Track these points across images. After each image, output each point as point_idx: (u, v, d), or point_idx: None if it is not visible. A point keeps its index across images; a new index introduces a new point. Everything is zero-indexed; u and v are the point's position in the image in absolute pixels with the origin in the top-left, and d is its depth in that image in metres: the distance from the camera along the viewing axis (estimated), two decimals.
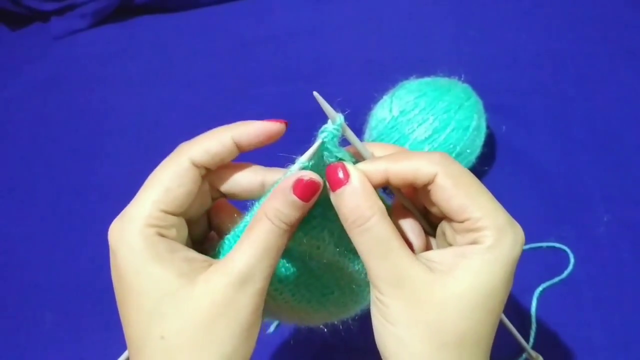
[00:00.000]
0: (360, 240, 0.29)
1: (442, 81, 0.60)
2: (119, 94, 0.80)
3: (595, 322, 0.53)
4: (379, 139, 0.58)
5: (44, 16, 0.89)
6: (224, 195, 0.35)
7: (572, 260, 0.57)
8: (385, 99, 0.60)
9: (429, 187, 0.30)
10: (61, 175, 0.73)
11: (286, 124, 0.34)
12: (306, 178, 0.29)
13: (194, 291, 0.29)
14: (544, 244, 0.58)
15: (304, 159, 0.31)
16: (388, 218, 0.30)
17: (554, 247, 0.58)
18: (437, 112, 0.56)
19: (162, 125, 0.76)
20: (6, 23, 0.91)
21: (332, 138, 0.32)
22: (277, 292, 0.34)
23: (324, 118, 0.72)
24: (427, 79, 0.61)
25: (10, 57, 0.88)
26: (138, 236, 0.29)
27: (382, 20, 0.78)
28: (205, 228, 0.36)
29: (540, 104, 0.70)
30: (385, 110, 0.58)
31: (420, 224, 0.34)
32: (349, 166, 0.30)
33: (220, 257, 0.32)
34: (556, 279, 0.56)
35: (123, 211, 0.31)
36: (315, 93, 0.31)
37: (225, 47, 0.81)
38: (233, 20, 0.84)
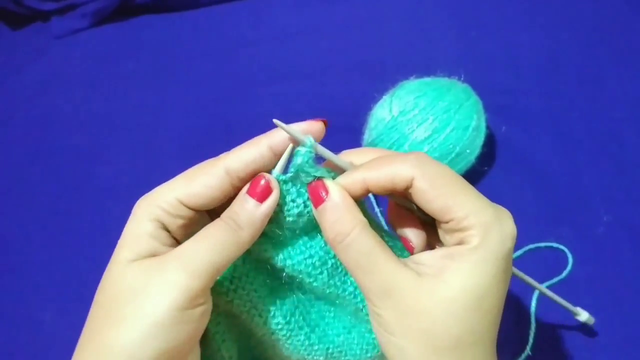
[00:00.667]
0: (345, 257, 0.30)
1: (442, 81, 0.60)
2: (119, 93, 0.80)
3: (594, 322, 0.53)
4: (379, 138, 0.58)
5: (45, 16, 0.89)
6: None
7: (571, 260, 0.57)
8: (385, 99, 0.60)
9: (410, 191, 0.30)
10: (61, 174, 0.73)
11: (325, 122, 0.33)
12: (262, 180, 0.30)
13: (129, 267, 0.29)
14: (543, 244, 0.58)
15: (277, 171, 0.31)
16: (369, 230, 0.30)
17: (553, 247, 0.58)
18: (437, 112, 0.56)
19: (163, 125, 0.76)
20: (7, 22, 0.91)
21: (307, 160, 0.31)
22: (277, 327, 0.34)
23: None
24: (426, 79, 0.61)
25: (11, 56, 0.88)
26: (144, 212, 0.31)
27: (382, 20, 0.78)
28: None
29: (540, 104, 0.70)
30: (385, 110, 0.58)
31: (419, 220, 0.34)
32: (328, 182, 0.31)
33: None
34: (555, 279, 0.55)
35: (151, 191, 0.32)
36: (275, 120, 0.31)
37: (226, 46, 0.81)
38: (233, 20, 0.84)
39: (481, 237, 0.28)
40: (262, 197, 0.30)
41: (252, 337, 0.36)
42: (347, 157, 0.34)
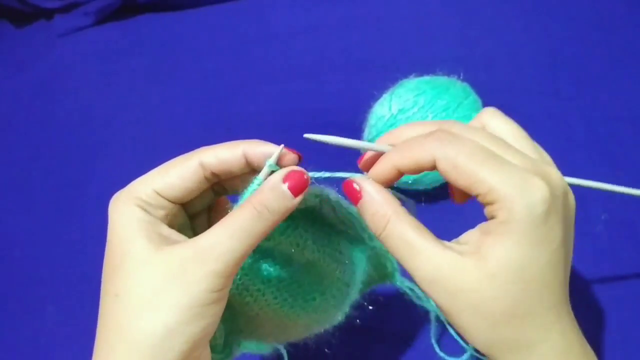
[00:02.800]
0: (389, 247, 0.30)
1: (441, 80, 0.60)
2: (122, 91, 0.81)
3: (593, 321, 0.54)
4: (378, 136, 0.58)
5: (48, 14, 0.90)
6: (224, 191, 0.36)
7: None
8: (385, 97, 0.60)
9: (438, 170, 0.30)
10: (64, 171, 0.74)
11: (300, 157, 0.34)
12: (297, 169, 0.31)
13: (155, 256, 0.30)
14: None
15: (272, 160, 0.32)
16: (405, 217, 0.30)
17: None
18: (436, 111, 0.57)
19: (165, 123, 0.76)
20: (10, 20, 0.91)
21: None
22: (259, 293, 0.35)
23: (323, 117, 0.73)
24: (426, 78, 0.61)
25: (14, 54, 0.89)
26: (128, 203, 0.31)
27: (382, 19, 0.79)
28: (206, 223, 0.37)
29: (539, 104, 0.70)
30: (384, 108, 0.59)
31: None
32: (359, 179, 0.32)
33: None
34: None
35: (128, 185, 0.33)
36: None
37: (227, 45, 0.82)
38: (235, 19, 0.84)
39: (507, 209, 0.28)
40: (297, 191, 0.31)
41: (242, 316, 0.37)
42: (388, 138, 0.34)
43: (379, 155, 0.33)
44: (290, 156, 0.33)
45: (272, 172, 0.32)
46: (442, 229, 0.32)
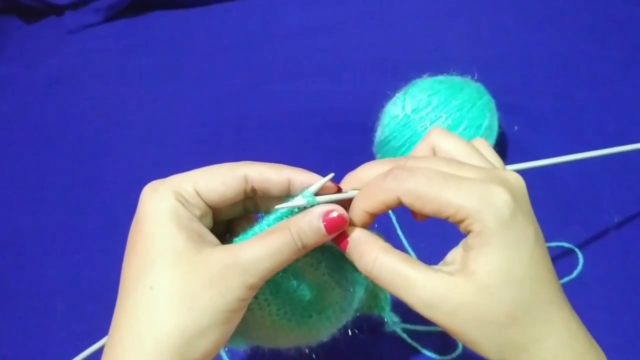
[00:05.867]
0: (382, 283, 0.31)
1: (455, 80, 0.60)
2: (131, 88, 0.81)
3: (604, 322, 0.53)
4: (391, 136, 0.58)
5: (59, 10, 0.90)
6: (255, 208, 0.37)
7: (581, 260, 0.57)
8: (398, 97, 0.60)
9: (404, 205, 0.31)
10: (72, 167, 0.73)
11: (339, 190, 0.34)
12: (336, 213, 0.31)
13: (196, 256, 0.30)
14: (554, 244, 0.58)
15: (312, 189, 0.32)
16: (391, 250, 0.31)
17: (564, 247, 0.58)
18: (450, 111, 0.56)
19: (174, 120, 0.76)
20: (21, 17, 0.92)
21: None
22: (265, 303, 0.35)
23: (334, 117, 0.73)
24: (440, 77, 0.61)
25: (25, 50, 0.89)
26: (170, 196, 0.31)
27: (395, 18, 0.79)
28: (225, 230, 0.38)
29: (552, 105, 0.70)
30: (397, 108, 0.58)
31: None
32: (350, 227, 0.32)
33: None
34: (566, 279, 0.56)
35: (168, 177, 0.33)
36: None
37: (238, 43, 0.82)
38: (246, 16, 0.84)
39: (478, 222, 0.29)
40: (332, 229, 0.32)
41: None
42: (350, 182, 0.35)
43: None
44: (328, 191, 0.34)
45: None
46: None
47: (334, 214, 0.31)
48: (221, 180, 0.32)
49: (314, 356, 0.43)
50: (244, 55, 0.80)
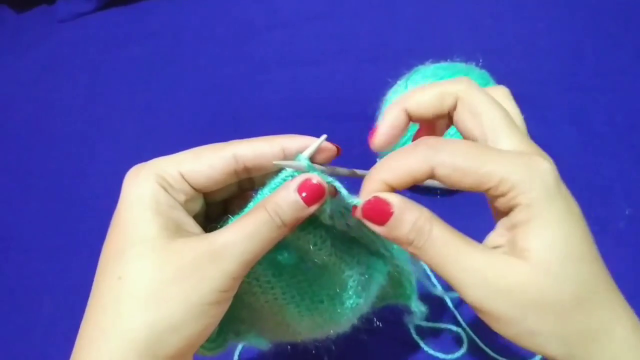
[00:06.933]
0: (430, 256, 0.28)
1: (459, 66, 0.58)
2: (123, 77, 0.79)
3: None
4: None
5: None
6: (251, 185, 0.35)
7: None
8: (400, 84, 0.58)
9: (436, 178, 0.28)
10: (63, 159, 0.72)
11: (339, 150, 0.32)
12: (314, 180, 0.29)
13: (168, 245, 0.28)
14: None
15: (306, 154, 0.30)
16: (442, 222, 0.28)
17: None
18: None
19: (168, 110, 0.74)
20: (11, 5, 0.90)
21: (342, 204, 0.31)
22: (268, 285, 0.33)
23: (334, 105, 0.71)
24: (443, 64, 0.58)
25: (15, 39, 0.87)
26: (150, 180, 0.29)
27: (396, 2, 0.76)
28: (222, 210, 0.36)
29: (558, 94, 0.68)
30: (399, 96, 0.56)
31: None
32: (386, 195, 0.28)
33: None
34: None
35: (151, 160, 0.31)
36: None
37: (234, 31, 0.79)
38: (243, 5, 0.82)
39: (525, 193, 0.26)
40: (311, 200, 0.29)
41: (246, 307, 0.35)
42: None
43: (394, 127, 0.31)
44: (327, 152, 0.31)
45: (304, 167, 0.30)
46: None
47: (314, 181, 0.28)
48: (208, 162, 0.30)
49: (314, 352, 0.42)
50: (238, 43, 0.78)
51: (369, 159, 0.62)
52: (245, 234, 0.28)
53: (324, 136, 0.30)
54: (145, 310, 0.27)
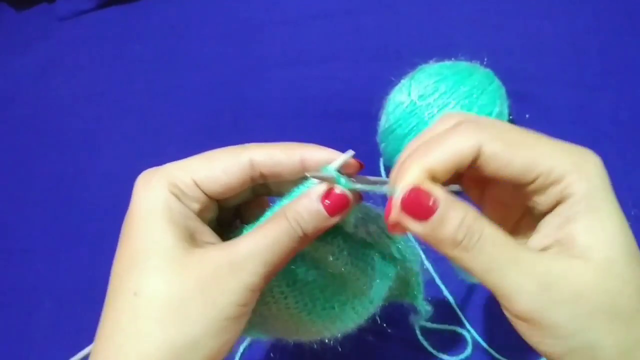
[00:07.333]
0: (479, 261, 0.24)
1: (464, 65, 0.57)
2: (124, 76, 0.78)
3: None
4: (397, 124, 0.55)
5: None
6: (267, 192, 0.33)
7: None
8: (404, 83, 0.57)
9: (478, 164, 0.25)
10: (63, 158, 0.71)
11: (362, 166, 0.30)
12: (337, 190, 0.27)
13: (186, 257, 0.27)
14: None
15: (334, 165, 0.28)
16: (493, 223, 0.25)
17: None
18: (459, 97, 0.53)
19: (168, 109, 0.73)
20: (11, 3, 0.89)
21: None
22: (282, 296, 0.32)
23: (337, 104, 0.70)
24: (447, 63, 0.57)
25: (15, 37, 0.86)
26: (163, 187, 0.28)
27: (401, 1, 0.75)
28: (234, 213, 0.34)
29: (563, 94, 0.67)
30: (403, 94, 0.55)
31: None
32: (428, 186, 0.25)
33: None
34: None
35: (163, 165, 0.29)
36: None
37: (236, 29, 0.79)
38: (245, 2, 0.81)
39: (580, 182, 0.23)
40: (334, 210, 0.27)
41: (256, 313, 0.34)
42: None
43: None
44: (351, 169, 0.29)
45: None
46: None
47: (337, 190, 0.27)
48: (223, 168, 0.29)
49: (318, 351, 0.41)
50: (241, 41, 0.77)
51: (372, 158, 0.62)
52: (266, 244, 0.27)
53: (351, 152, 0.29)
54: (163, 328, 0.26)
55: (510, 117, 0.58)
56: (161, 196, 0.28)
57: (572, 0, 0.74)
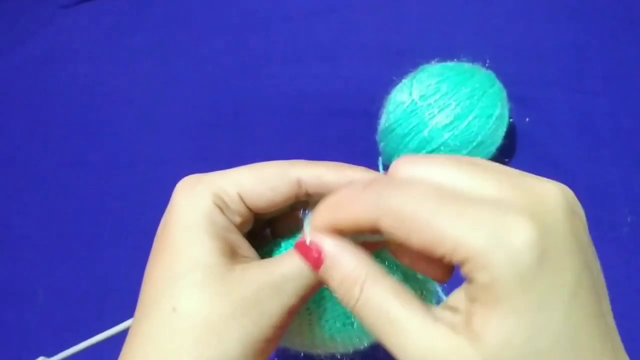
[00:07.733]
0: (364, 321, 0.23)
1: (466, 66, 0.57)
2: (125, 67, 0.77)
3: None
4: (397, 123, 0.55)
5: None
6: (305, 205, 0.32)
7: None
8: (405, 82, 0.57)
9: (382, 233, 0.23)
10: (62, 147, 0.71)
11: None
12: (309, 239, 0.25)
13: (227, 275, 0.26)
14: None
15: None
16: (384, 279, 0.23)
17: None
18: (460, 98, 0.53)
19: (169, 102, 0.73)
20: None
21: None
22: (307, 312, 0.32)
23: (337, 103, 0.70)
24: (449, 63, 0.57)
25: (15, 25, 0.85)
26: (207, 198, 0.27)
27: (404, 1, 0.75)
28: (263, 224, 0.33)
29: (564, 98, 0.67)
30: (404, 94, 0.55)
31: None
32: (318, 237, 0.25)
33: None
34: None
35: (207, 173, 0.28)
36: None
37: (238, 23, 0.78)
38: None
39: (484, 269, 0.20)
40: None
41: None
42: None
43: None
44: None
45: None
46: None
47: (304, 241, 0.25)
48: (271, 185, 0.28)
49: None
50: (242, 36, 0.77)
51: (371, 156, 0.62)
52: (306, 266, 0.26)
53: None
54: (201, 346, 0.25)
55: (511, 119, 0.58)
56: (205, 208, 0.27)
57: (575, 5, 0.74)
